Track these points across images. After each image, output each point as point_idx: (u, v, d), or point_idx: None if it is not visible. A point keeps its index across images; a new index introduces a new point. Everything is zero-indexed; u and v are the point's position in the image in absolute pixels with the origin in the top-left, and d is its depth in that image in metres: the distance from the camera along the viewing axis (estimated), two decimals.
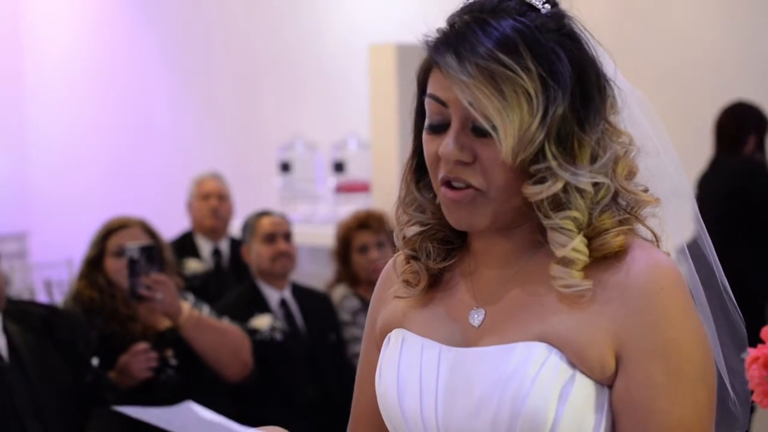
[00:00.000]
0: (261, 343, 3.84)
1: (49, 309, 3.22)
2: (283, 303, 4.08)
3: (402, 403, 1.38)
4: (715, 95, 4.76)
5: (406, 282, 1.44)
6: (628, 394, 1.28)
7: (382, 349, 1.45)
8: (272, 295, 4.07)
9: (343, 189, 6.17)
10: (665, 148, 1.43)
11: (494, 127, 1.27)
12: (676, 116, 4.70)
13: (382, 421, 1.44)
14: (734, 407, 1.48)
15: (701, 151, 4.69)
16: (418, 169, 1.42)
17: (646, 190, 1.37)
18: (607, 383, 1.30)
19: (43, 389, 2.89)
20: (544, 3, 1.33)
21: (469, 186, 1.31)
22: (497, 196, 1.31)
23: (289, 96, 6.82)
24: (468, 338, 1.37)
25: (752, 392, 1.76)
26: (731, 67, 4.72)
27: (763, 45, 4.70)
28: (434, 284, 1.44)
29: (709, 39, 4.76)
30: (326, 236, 4.93)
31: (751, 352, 1.76)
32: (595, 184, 1.30)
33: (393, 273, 1.49)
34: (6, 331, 2.92)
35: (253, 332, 3.85)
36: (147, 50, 7.74)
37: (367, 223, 4.40)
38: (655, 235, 1.38)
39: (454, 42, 1.30)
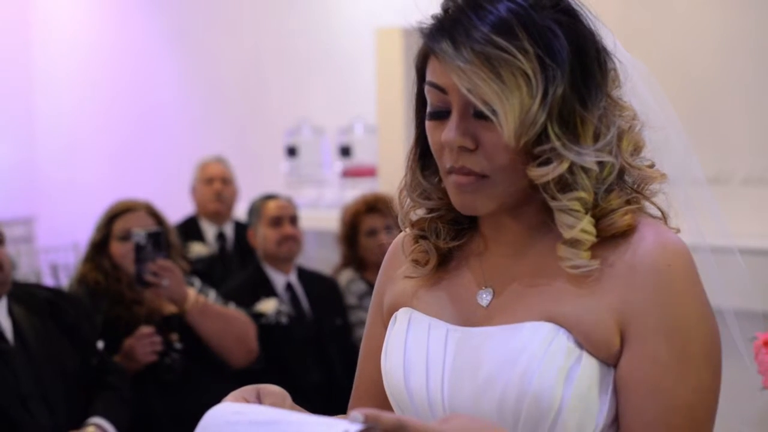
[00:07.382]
0: (267, 327, 3.84)
1: (55, 292, 3.21)
2: (289, 287, 4.08)
3: (408, 383, 1.38)
4: (721, 81, 4.73)
5: (415, 261, 1.44)
6: (631, 372, 1.27)
7: (389, 328, 1.45)
8: (278, 279, 4.07)
9: (350, 173, 6.15)
10: (670, 121, 1.42)
11: (494, 112, 1.26)
12: (683, 102, 4.67)
13: (385, 395, 1.44)
14: None
15: (710, 137, 4.67)
16: (422, 156, 1.42)
17: (652, 165, 1.36)
18: (612, 362, 1.29)
19: (48, 372, 2.89)
20: None
21: (474, 173, 1.30)
22: (503, 179, 1.30)
23: (296, 80, 6.80)
24: (476, 318, 1.37)
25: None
26: (737, 53, 4.68)
27: None
28: (443, 265, 1.44)
29: (715, 24, 4.73)
30: (332, 220, 4.92)
31: (760, 337, 1.75)
32: (600, 163, 1.29)
33: (401, 252, 1.49)
34: (11, 314, 2.93)
35: (258, 316, 3.85)
36: (153, 36, 7.73)
37: (375, 206, 4.38)
38: (662, 212, 1.37)
39: (448, 28, 1.28)
